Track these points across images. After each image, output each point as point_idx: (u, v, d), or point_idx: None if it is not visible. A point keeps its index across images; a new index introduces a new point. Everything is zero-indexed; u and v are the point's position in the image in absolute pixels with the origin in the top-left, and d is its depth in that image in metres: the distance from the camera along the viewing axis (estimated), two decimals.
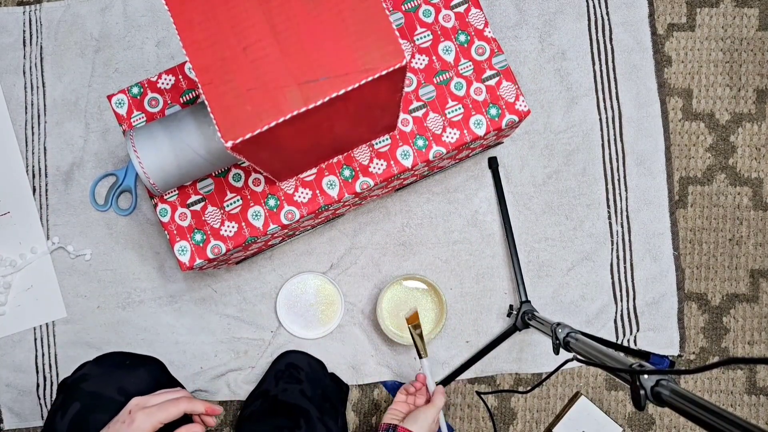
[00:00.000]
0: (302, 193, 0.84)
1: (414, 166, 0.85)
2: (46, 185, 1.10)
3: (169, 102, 0.86)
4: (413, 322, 0.93)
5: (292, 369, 0.99)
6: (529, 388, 0.99)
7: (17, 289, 1.08)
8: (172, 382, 0.80)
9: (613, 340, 1.07)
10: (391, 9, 0.86)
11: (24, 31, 1.12)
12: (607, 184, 1.08)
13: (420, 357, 0.90)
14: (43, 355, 1.08)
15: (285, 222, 0.84)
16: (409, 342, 1.02)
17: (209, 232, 0.85)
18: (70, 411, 0.68)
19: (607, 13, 1.09)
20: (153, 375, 0.75)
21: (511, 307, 1.05)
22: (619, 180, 1.08)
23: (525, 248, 1.08)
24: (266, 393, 0.96)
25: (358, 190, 0.85)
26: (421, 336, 0.92)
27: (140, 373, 0.74)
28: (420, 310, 1.04)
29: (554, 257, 1.08)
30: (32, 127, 1.11)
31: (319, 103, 0.54)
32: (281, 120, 0.54)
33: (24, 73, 1.11)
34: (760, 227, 1.08)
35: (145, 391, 0.71)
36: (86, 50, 1.11)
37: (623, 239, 1.08)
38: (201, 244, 0.84)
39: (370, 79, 0.54)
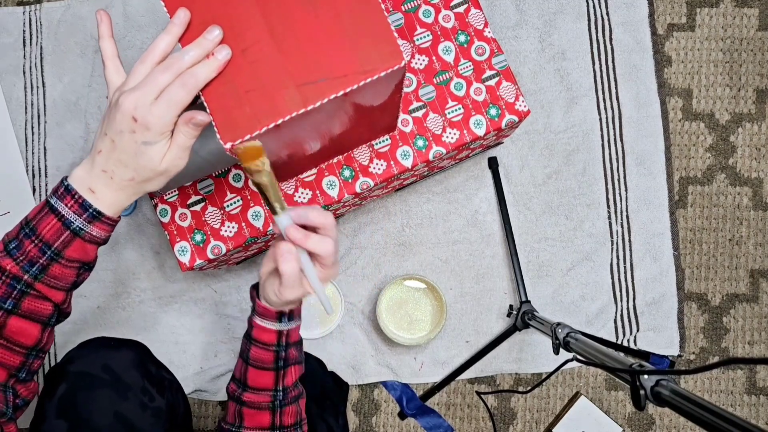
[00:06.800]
0: (302, 193, 0.84)
1: (414, 167, 0.85)
2: (46, 185, 1.10)
3: None
4: (252, 159, 0.52)
5: None
6: (529, 388, 0.99)
7: None
8: (157, 364, 0.80)
9: (613, 340, 1.07)
10: (390, 9, 0.86)
11: (24, 31, 1.12)
12: (607, 184, 1.08)
13: (274, 212, 0.55)
14: None
15: None
16: (410, 342, 1.02)
17: (209, 233, 0.85)
18: (58, 392, 0.68)
19: (607, 13, 1.09)
20: (137, 354, 0.74)
21: (511, 307, 1.05)
22: (619, 180, 1.08)
23: (525, 248, 1.08)
24: None
25: (358, 190, 0.85)
26: (265, 185, 0.53)
27: (125, 353, 0.73)
28: (420, 310, 1.04)
29: (554, 257, 1.07)
30: (32, 127, 1.11)
31: (317, 104, 0.54)
32: (280, 121, 0.54)
33: (24, 73, 1.11)
34: (760, 227, 1.08)
35: (129, 369, 0.70)
36: (86, 50, 1.11)
37: (623, 239, 1.08)
38: (201, 245, 0.84)
39: (368, 80, 0.54)
